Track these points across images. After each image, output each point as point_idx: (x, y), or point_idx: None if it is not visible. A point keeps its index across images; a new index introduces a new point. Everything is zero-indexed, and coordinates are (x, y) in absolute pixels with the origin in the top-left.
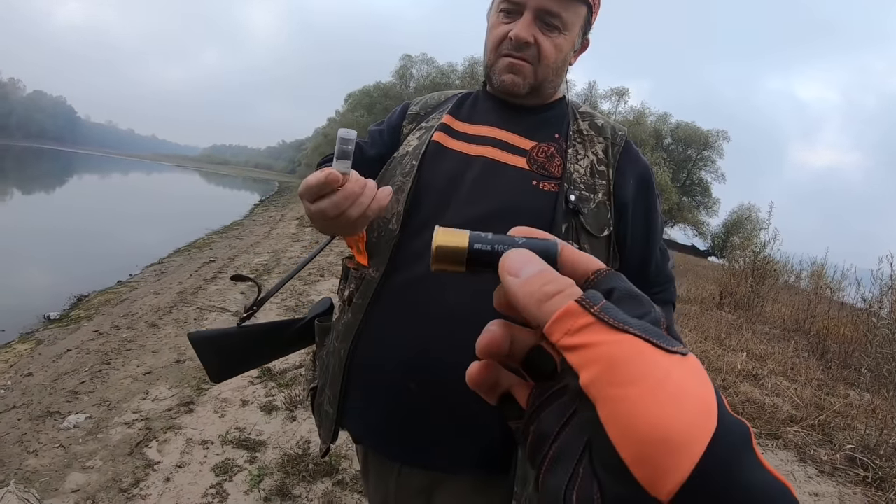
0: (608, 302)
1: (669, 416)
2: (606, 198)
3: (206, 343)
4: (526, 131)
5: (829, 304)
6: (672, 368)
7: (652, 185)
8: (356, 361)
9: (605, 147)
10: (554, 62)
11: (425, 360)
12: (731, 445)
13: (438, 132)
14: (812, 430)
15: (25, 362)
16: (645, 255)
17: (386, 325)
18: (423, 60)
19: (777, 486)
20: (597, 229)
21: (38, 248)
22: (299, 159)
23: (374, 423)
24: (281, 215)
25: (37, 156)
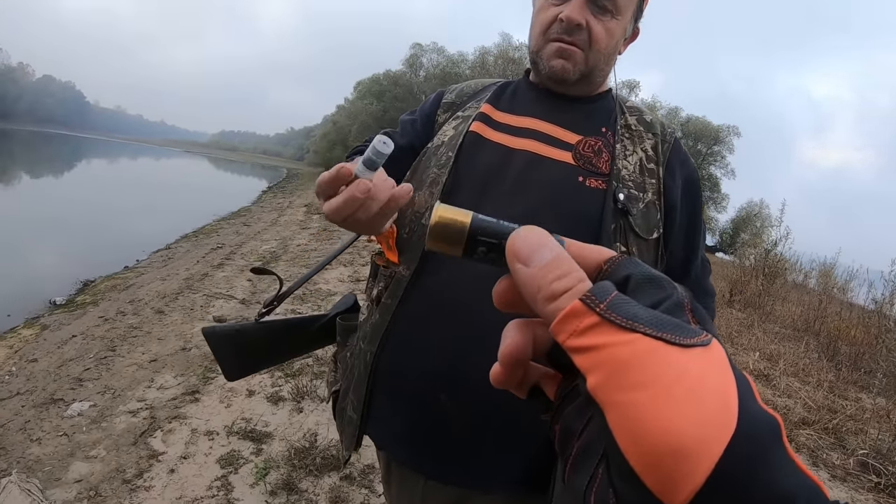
0: (620, 294)
1: (681, 421)
2: (656, 198)
3: (221, 339)
4: (571, 124)
5: (840, 306)
6: (690, 364)
7: (699, 189)
8: (382, 366)
9: (654, 144)
10: (605, 48)
11: (458, 370)
12: (754, 443)
13: (477, 122)
14: (824, 434)
15: (30, 348)
16: (685, 263)
17: (416, 328)
18: (434, 49)
19: (807, 485)
20: (646, 231)
21: (46, 232)
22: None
23: (400, 431)
24: (289, 202)
25: (45, 140)
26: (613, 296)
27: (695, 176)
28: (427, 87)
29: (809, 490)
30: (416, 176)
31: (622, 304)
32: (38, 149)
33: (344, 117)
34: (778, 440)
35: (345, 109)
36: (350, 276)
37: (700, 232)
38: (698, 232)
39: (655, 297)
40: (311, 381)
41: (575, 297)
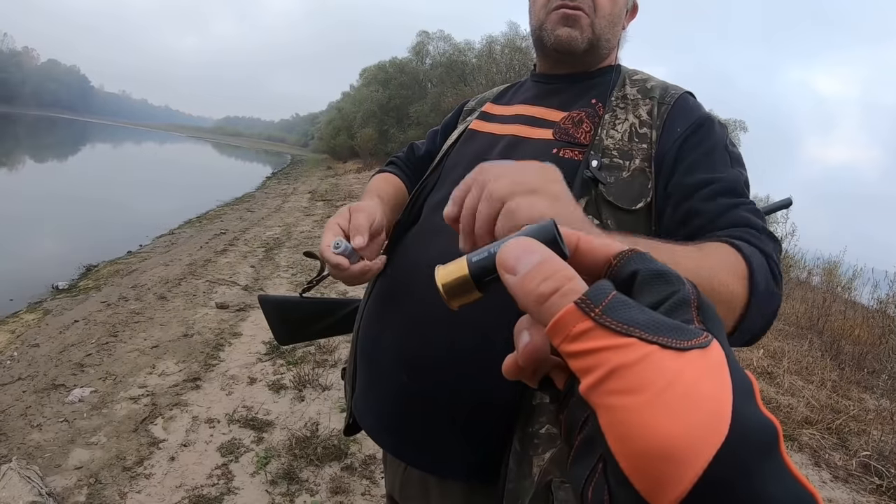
0: (618, 296)
1: (671, 427)
2: (647, 164)
3: (273, 306)
4: (561, 103)
5: (844, 304)
6: (684, 369)
7: (711, 131)
8: (360, 345)
9: (650, 108)
10: (610, 13)
11: (418, 353)
12: (745, 451)
13: (476, 119)
14: (827, 434)
15: (32, 333)
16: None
17: (378, 310)
18: (440, 37)
19: (801, 496)
20: (626, 200)
21: (49, 216)
22: (312, 133)
23: (374, 410)
24: (293, 188)
25: (50, 124)
26: (611, 298)
27: (703, 118)
28: (433, 75)
29: (802, 502)
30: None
31: (619, 307)
32: (43, 133)
33: (349, 104)
34: (772, 448)
35: (350, 96)
36: None
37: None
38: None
39: (662, 294)
40: (314, 369)
41: (565, 297)
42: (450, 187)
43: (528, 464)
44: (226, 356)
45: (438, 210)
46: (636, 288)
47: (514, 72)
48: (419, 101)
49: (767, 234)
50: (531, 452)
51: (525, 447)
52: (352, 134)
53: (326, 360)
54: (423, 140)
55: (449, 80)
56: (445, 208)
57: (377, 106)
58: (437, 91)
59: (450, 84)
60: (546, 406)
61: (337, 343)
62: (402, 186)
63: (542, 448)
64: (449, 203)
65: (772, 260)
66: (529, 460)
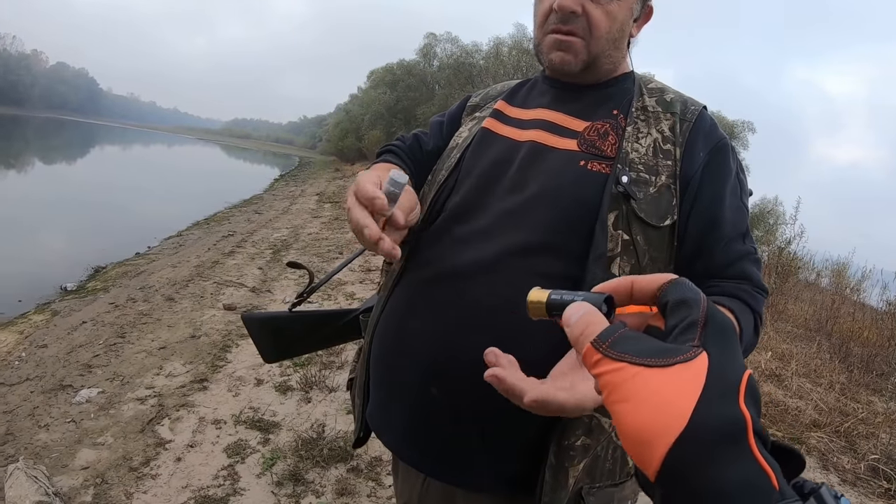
0: (624, 332)
1: (642, 424)
2: (672, 181)
3: (258, 324)
4: (580, 112)
5: (852, 306)
6: (664, 381)
7: (726, 157)
8: (374, 355)
9: (672, 124)
10: (608, 33)
11: (449, 365)
12: (697, 443)
13: (489, 119)
14: (835, 437)
15: (40, 333)
16: (708, 240)
17: (403, 319)
18: (448, 39)
19: (756, 478)
20: (655, 217)
21: (58, 217)
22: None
23: (395, 423)
24: (301, 190)
25: (59, 127)
26: (618, 335)
27: (722, 144)
28: (441, 77)
29: (754, 487)
30: (433, 177)
31: (620, 341)
32: (52, 135)
33: (357, 106)
34: (736, 437)
35: (358, 98)
36: (361, 266)
37: (726, 207)
38: (721, 206)
39: (680, 317)
40: (320, 371)
41: (587, 338)
42: (468, 192)
43: (563, 475)
44: (233, 357)
45: (461, 217)
46: (668, 312)
47: (521, 73)
48: (427, 102)
49: (762, 288)
50: (567, 464)
51: (561, 459)
52: (360, 136)
53: (333, 361)
54: (426, 131)
55: (456, 81)
56: None
57: (385, 108)
58: (444, 93)
59: (457, 86)
60: (582, 419)
61: (344, 345)
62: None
63: (578, 459)
64: None
65: (758, 316)
66: (566, 471)
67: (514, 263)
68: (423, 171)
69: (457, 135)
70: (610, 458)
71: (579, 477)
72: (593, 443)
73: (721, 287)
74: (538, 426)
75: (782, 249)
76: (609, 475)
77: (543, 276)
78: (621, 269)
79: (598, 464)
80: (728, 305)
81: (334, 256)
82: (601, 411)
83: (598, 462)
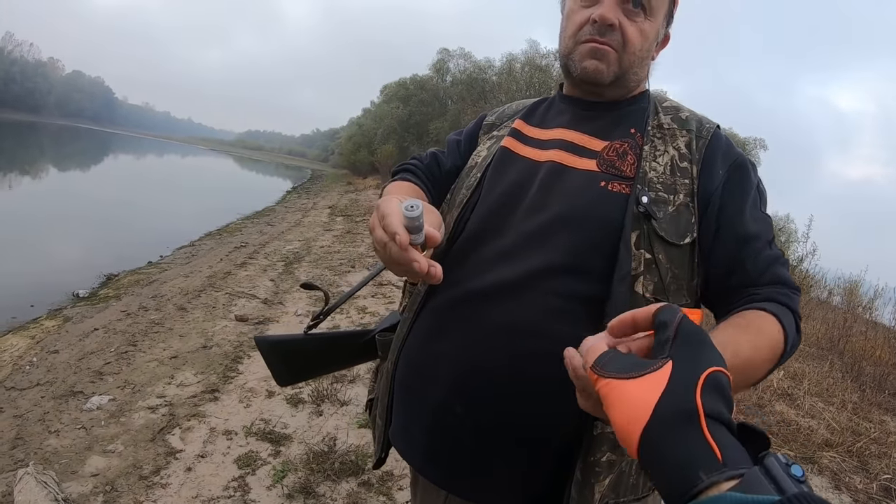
0: (613, 355)
1: (624, 420)
2: (689, 199)
3: (272, 347)
4: (599, 131)
5: (865, 325)
6: (635, 389)
7: (746, 174)
8: (399, 377)
9: (688, 141)
10: (640, 49)
11: (473, 384)
12: (660, 427)
13: (508, 138)
14: (847, 457)
15: (52, 339)
16: (740, 256)
17: (429, 341)
18: (461, 55)
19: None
20: (675, 236)
21: (72, 225)
22: (332, 148)
23: (418, 442)
24: (313, 203)
25: (74, 135)
26: (607, 359)
27: (740, 161)
28: (453, 93)
29: (702, 459)
30: (452, 197)
31: (609, 362)
32: (67, 143)
33: (370, 120)
34: (686, 423)
35: (371, 112)
36: (372, 281)
37: (750, 220)
38: (747, 220)
39: (660, 336)
40: (332, 384)
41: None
42: (489, 212)
43: (589, 491)
44: (244, 369)
45: (483, 238)
46: (655, 333)
47: (533, 90)
48: (439, 117)
49: (795, 288)
50: (593, 480)
51: (587, 476)
52: (372, 150)
53: (345, 375)
54: (443, 149)
55: (469, 97)
56: None
57: (397, 122)
58: (456, 108)
59: (470, 101)
60: (607, 435)
61: None
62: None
63: (603, 475)
64: None
65: (797, 316)
66: (591, 488)
67: (537, 285)
68: (442, 190)
69: (475, 154)
70: (633, 473)
71: (604, 493)
72: (618, 458)
73: (760, 293)
74: (561, 443)
75: (794, 267)
76: (632, 490)
77: (566, 297)
78: (644, 288)
79: (622, 479)
80: (771, 310)
81: (346, 270)
82: None
83: (622, 478)
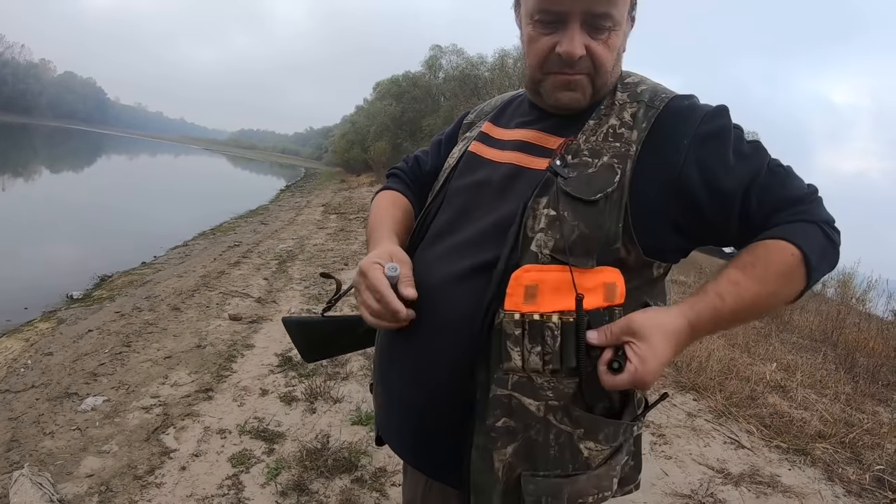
0: None
1: None
2: (616, 161)
3: (296, 326)
4: (559, 127)
5: (858, 317)
6: None
7: (719, 130)
8: (375, 365)
9: (635, 111)
10: (611, 63)
11: (423, 371)
12: None
13: (475, 142)
14: (840, 448)
15: (46, 341)
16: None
17: (394, 334)
18: (453, 51)
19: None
20: (586, 192)
21: (65, 226)
22: (326, 146)
23: (393, 425)
24: (306, 201)
25: (67, 136)
26: None
27: (706, 120)
28: (446, 89)
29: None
30: (431, 196)
31: None
32: (60, 144)
33: (363, 118)
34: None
35: (364, 110)
36: None
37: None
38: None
39: None
40: (325, 381)
41: None
42: (452, 214)
43: (489, 458)
44: (238, 367)
45: (440, 238)
46: None
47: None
48: (432, 114)
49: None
50: (491, 447)
51: (486, 442)
52: (365, 147)
53: (338, 372)
54: (427, 149)
55: (462, 93)
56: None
57: (390, 119)
58: (449, 104)
59: (462, 98)
60: (499, 398)
61: (349, 356)
62: (411, 209)
63: (501, 442)
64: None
65: (825, 224)
66: (490, 455)
67: (476, 279)
68: (424, 191)
69: (450, 155)
70: (554, 445)
71: (512, 463)
72: (518, 425)
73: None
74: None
75: None
76: (556, 464)
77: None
78: (542, 245)
79: (535, 450)
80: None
81: (340, 267)
82: (520, 390)
83: (535, 448)
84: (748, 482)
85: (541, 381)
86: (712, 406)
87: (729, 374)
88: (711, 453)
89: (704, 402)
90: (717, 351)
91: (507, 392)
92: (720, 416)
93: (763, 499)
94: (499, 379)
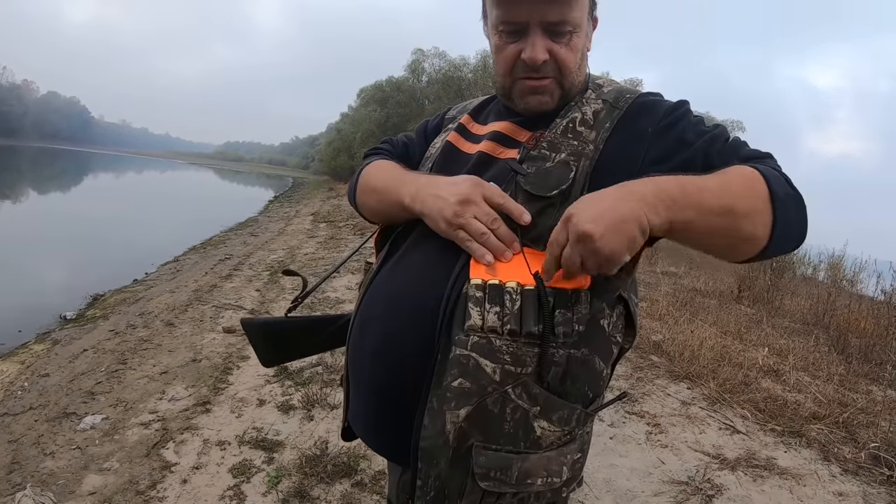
0: None
1: None
2: (573, 158)
3: (256, 329)
4: (531, 121)
5: (849, 298)
6: None
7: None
8: (350, 348)
9: (597, 110)
10: (576, 65)
11: (387, 350)
12: None
13: (453, 133)
14: (835, 428)
15: (42, 363)
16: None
17: (366, 315)
18: (435, 54)
19: None
20: (542, 189)
21: (55, 247)
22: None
23: (360, 409)
24: (295, 211)
25: (52, 156)
26: None
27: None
28: (430, 93)
29: None
30: None
31: None
32: (46, 165)
33: (348, 125)
34: None
35: (349, 117)
36: (358, 283)
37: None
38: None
39: None
40: (321, 388)
41: None
42: None
43: (441, 419)
44: (234, 379)
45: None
46: None
47: None
48: (417, 118)
49: (771, 157)
50: (444, 407)
51: (440, 402)
52: (352, 154)
53: (334, 379)
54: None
55: (446, 96)
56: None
57: (375, 125)
58: (434, 108)
59: (447, 100)
60: (458, 359)
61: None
62: None
63: (456, 403)
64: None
65: (781, 172)
66: (443, 415)
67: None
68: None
69: (431, 145)
70: (509, 420)
71: (465, 429)
72: (473, 387)
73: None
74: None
75: None
76: (508, 439)
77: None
78: None
79: (489, 420)
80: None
81: (332, 276)
82: (478, 351)
83: (488, 417)
84: (744, 466)
85: (499, 343)
86: (706, 393)
87: (721, 362)
88: (707, 440)
89: (698, 389)
90: (709, 339)
91: (465, 352)
92: (714, 403)
93: (760, 481)
94: (459, 340)
